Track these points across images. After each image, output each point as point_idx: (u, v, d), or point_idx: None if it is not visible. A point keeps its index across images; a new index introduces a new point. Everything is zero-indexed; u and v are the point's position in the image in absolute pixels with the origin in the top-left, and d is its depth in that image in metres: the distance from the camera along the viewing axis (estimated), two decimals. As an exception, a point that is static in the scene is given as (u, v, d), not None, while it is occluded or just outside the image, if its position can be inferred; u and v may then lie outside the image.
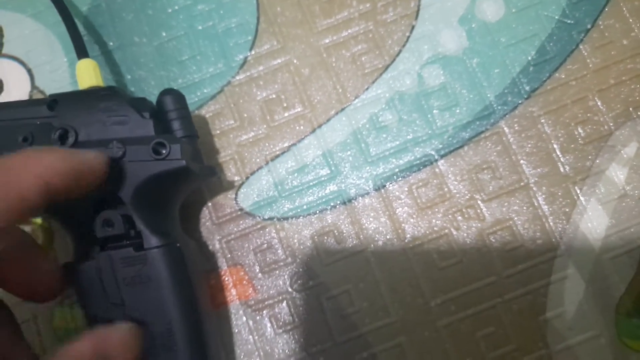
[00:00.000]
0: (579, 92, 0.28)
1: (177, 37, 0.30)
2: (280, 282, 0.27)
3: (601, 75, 0.28)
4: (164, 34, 0.30)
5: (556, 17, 0.29)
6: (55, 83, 0.31)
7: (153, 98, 0.26)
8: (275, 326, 0.27)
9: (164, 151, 0.23)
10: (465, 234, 0.27)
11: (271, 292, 0.27)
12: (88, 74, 0.26)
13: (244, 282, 0.28)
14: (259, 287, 0.27)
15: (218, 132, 0.29)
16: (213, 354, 0.24)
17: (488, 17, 0.29)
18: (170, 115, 0.25)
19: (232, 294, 0.28)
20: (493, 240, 0.27)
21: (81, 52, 0.27)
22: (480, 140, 0.28)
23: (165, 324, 0.23)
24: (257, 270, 0.28)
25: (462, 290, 0.26)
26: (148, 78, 0.30)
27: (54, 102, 0.24)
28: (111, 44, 0.31)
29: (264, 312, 0.27)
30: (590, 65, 0.28)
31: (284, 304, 0.27)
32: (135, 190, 0.23)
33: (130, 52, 0.31)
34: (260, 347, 0.27)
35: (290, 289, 0.27)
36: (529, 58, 0.28)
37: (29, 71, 0.31)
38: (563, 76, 0.28)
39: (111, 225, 0.22)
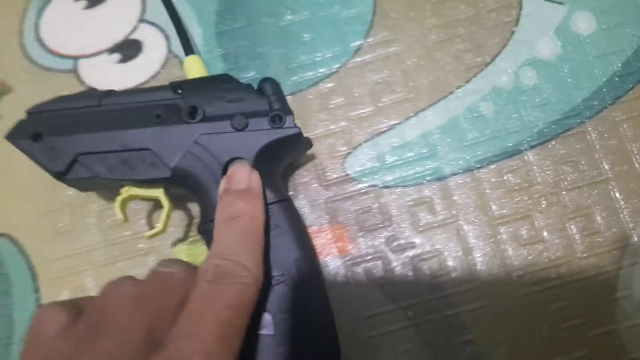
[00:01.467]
0: (659, 104, 0.31)
1: (301, 21, 0.34)
2: (377, 243, 0.31)
3: (679, 91, 0.31)
4: (289, 17, 0.35)
5: (642, 36, 0.32)
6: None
7: (273, 73, 0.30)
8: (369, 279, 0.30)
9: (280, 121, 0.27)
10: (547, 217, 0.30)
11: (368, 250, 0.31)
12: (197, 68, 0.31)
13: (345, 239, 0.31)
14: (357, 244, 0.31)
15: (332, 106, 0.33)
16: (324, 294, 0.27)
17: (581, 30, 0.33)
18: (271, 98, 0.29)
19: (332, 248, 0.31)
20: (572, 226, 0.30)
21: (188, 50, 0.31)
22: (566, 137, 0.31)
23: (287, 265, 0.26)
24: (357, 230, 0.31)
25: (541, 266, 0.30)
26: (271, 54, 0.34)
27: (179, 87, 0.28)
28: (242, 23, 0.35)
29: (360, 266, 0.31)
30: (670, 81, 0.32)
31: (380, 262, 0.31)
32: (256, 155, 0.27)
33: (258, 29, 0.35)
34: (357, 296, 0.30)
35: (385, 249, 0.31)
36: (615, 69, 0.32)
37: (166, 37, 0.35)
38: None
39: None
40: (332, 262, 0.31)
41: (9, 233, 0.33)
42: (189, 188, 0.28)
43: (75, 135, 0.27)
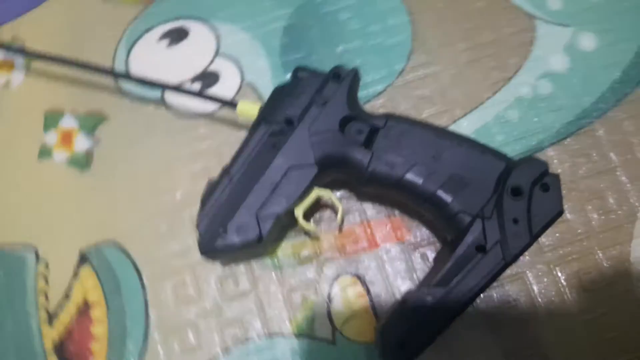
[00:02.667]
0: (653, 104, 0.38)
1: (353, 49, 0.41)
2: (427, 233, 0.37)
3: (669, 93, 0.38)
4: (342, 47, 0.42)
5: (635, 49, 0.39)
6: (259, 80, 0.42)
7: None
8: (424, 262, 0.37)
9: (339, 76, 0.35)
10: (568, 201, 0.37)
11: (421, 239, 0.37)
12: (247, 107, 0.36)
13: (402, 227, 0.37)
14: (412, 233, 0.37)
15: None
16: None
17: (585, 47, 0.40)
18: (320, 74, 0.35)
19: (391, 236, 0.37)
20: (590, 207, 0.37)
21: (232, 105, 0.37)
22: (579, 135, 0.38)
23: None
24: (411, 222, 0.38)
25: (567, 241, 0.36)
26: (329, 78, 0.41)
27: (262, 119, 0.35)
28: (302, 53, 0.42)
29: (416, 251, 0.37)
30: (661, 85, 0.39)
31: (432, 247, 0.37)
32: (347, 103, 0.34)
33: (316, 58, 0.42)
34: (413, 273, 0.36)
35: (433, 239, 0.37)
36: (615, 77, 0.39)
37: (240, 69, 0.42)
38: (641, 92, 0.39)
39: None
40: (391, 246, 0.37)
41: (115, 239, 0.39)
42: (336, 168, 0.34)
43: (244, 204, 0.33)
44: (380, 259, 0.37)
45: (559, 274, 0.36)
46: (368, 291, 0.36)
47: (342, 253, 0.37)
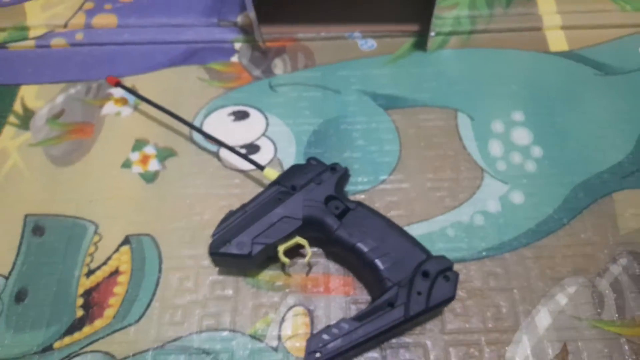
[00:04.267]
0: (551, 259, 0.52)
1: (355, 157, 0.59)
2: (365, 294, 0.51)
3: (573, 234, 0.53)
4: (348, 153, 0.59)
5: (550, 212, 0.55)
6: (286, 159, 0.59)
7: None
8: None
9: (335, 169, 0.53)
10: (473, 303, 0.50)
11: (360, 297, 0.51)
12: (271, 173, 0.53)
13: (350, 286, 0.51)
14: (356, 291, 0.51)
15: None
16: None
17: (515, 201, 0.56)
18: (325, 164, 0.53)
19: (341, 289, 0.51)
20: (488, 313, 0.50)
21: (261, 167, 0.55)
22: (494, 259, 0.52)
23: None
24: (357, 283, 0.51)
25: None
26: (333, 171, 0.58)
27: (277, 182, 0.52)
28: (320, 150, 0.60)
29: (354, 304, 0.50)
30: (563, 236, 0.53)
31: (365, 304, 0.50)
32: (334, 188, 0.51)
33: (329, 156, 0.59)
34: (350, 321, 0.49)
35: (368, 299, 0.51)
36: (531, 226, 0.54)
37: (276, 148, 0.60)
38: (552, 241, 0.53)
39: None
40: (341, 299, 0.51)
41: (151, 234, 0.55)
42: (314, 226, 0.49)
43: (247, 230, 0.49)
44: (328, 302, 0.50)
45: (451, 352, 0.48)
46: (312, 322, 0.49)
47: (303, 290, 0.51)
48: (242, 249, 0.48)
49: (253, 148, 0.60)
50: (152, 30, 0.71)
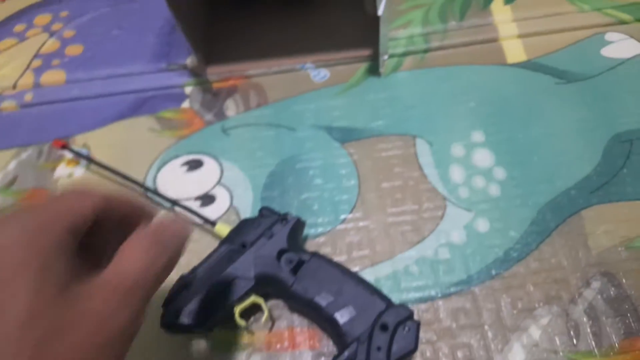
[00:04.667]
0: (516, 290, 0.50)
1: (313, 197, 0.57)
2: (331, 346, 0.49)
3: (538, 273, 0.50)
4: (306, 195, 0.57)
5: (517, 237, 0.52)
6: (242, 206, 0.57)
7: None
8: (327, 367, 0.48)
9: (286, 220, 0.50)
10: (443, 343, 0.48)
11: (327, 350, 0.49)
12: (223, 228, 0.52)
13: (316, 338, 0.49)
14: (322, 344, 0.49)
15: (322, 253, 0.54)
16: None
17: (480, 229, 0.53)
18: (275, 215, 0.51)
19: (307, 343, 0.49)
20: (459, 353, 0.48)
21: (212, 224, 0.53)
22: (462, 295, 0.50)
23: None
24: (323, 334, 0.49)
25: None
26: (292, 215, 0.56)
27: (228, 239, 0.50)
28: (276, 192, 0.58)
29: (321, 357, 0.48)
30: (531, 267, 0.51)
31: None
32: (287, 240, 0.49)
33: (286, 199, 0.57)
34: (317, 376, 0.48)
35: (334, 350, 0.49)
36: (498, 255, 0.52)
37: (231, 195, 0.58)
38: (521, 269, 0.51)
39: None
40: (306, 353, 0.49)
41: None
42: (269, 283, 0.47)
43: (198, 296, 0.46)
44: (294, 359, 0.48)
45: None
46: (278, 382, 0.48)
47: (267, 348, 0.49)
48: (194, 319, 0.46)
49: (208, 199, 0.59)
50: (99, 83, 0.69)
